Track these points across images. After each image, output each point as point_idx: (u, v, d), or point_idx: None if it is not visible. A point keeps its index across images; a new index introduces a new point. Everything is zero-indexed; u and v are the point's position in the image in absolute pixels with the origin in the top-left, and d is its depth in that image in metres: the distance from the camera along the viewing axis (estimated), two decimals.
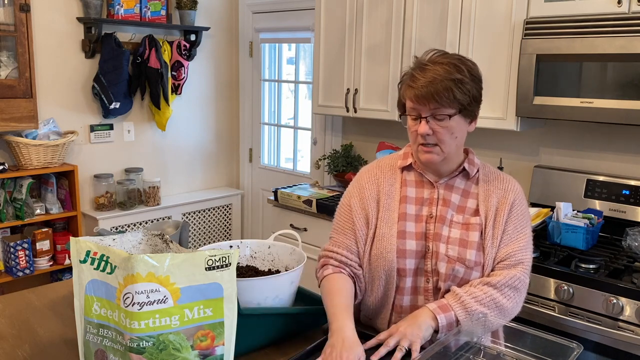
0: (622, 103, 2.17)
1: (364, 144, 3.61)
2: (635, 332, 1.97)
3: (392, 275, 1.50)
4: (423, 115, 1.43)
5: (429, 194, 1.54)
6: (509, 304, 1.44)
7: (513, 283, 1.44)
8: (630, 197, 2.45)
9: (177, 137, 4.09)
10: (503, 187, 1.53)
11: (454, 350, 1.32)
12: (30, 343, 1.47)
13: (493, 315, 1.42)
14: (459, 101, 1.41)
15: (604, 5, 2.22)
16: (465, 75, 1.42)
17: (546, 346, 1.31)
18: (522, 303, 1.48)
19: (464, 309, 1.40)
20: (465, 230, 1.49)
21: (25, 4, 3.06)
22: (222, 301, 1.18)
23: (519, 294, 1.46)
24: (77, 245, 1.18)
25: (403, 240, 1.50)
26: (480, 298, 1.42)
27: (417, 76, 1.43)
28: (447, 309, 1.40)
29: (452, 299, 1.42)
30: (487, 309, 1.41)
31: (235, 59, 4.36)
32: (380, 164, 1.62)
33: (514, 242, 1.49)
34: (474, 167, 1.55)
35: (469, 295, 1.42)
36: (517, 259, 1.47)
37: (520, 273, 1.46)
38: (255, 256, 1.67)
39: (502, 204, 1.51)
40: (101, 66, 3.50)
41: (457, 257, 1.47)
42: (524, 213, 1.53)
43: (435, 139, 1.44)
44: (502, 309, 1.43)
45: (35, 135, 3.25)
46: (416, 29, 2.86)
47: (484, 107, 2.67)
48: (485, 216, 1.50)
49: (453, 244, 1.47)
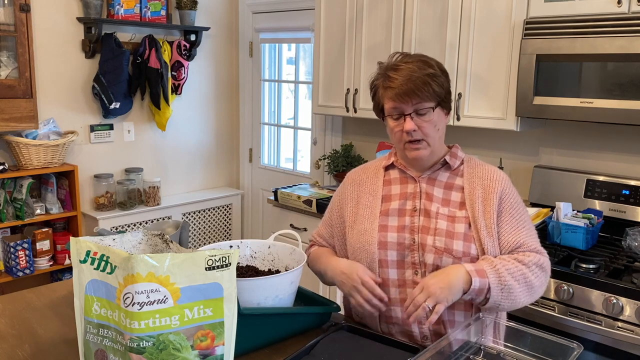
0: (622, 103, 2.17)
1: (364, 144, 3.61)
2: (635, 332, 1.97)
3: (374, 266, 1.54)
4: (406, 112, 1.48)
5: (412, 188, 1.58)
6: (537, 282, 1.46)
7: (541, 263, 1.48)
8: (630, 197, 2.45)
9: (177, 137, 4.09)
10: (488, 177, 1.55)
11: (454, 350, 1.32)
12: (30, 343, 1.47)
13: (521, 291, 1.43)
14: (437, 94, 1.48)
15: (604, 5, 2.22)
16: (436, 70, 1.50)
17: (546, 346, 1.31)
18: (546, 285, 1.51)
19: (498, 277, 1.41)
20: (451, 222, 1.51)
21: (25, 4, 3.06)
22: (222, 301, 1.18)
23: (545, 275, 1.49)
24: (77, 245, 1.18)
25: (384, 233, 1.54)
26: (512, 271, 1.43)
27: (393, 76, 1.47)
28: (483, 273, 1.40)
29: (487, 265, 1.43)
30: (518, 283, 1.42)
31: (235, 59, 4.36)
32: (365, 167, 1.72)
33: (519, 230, 1.51)
34: (457, 160, 1.58)
35: (502, 265, 1.43)
36: (530, 247, 1.50)
37: (544, 257, 1.50)
38: (255, 256, 1.67)
39: (489, 192, 1.52)
40: (101, 66, 3.50)
41: (444, 248, 1.49)
42: (517, 200, 1.55)
43: (421, 134, 1.49)
44: (530, 286, 1.45)
45: (35, 135, 3.25)
46: (416, 29, 2.86)
47: (484, 107, 2.69)
48: (472, 208, 1.51)
49: (440, 235, 1.50)
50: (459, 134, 3.09)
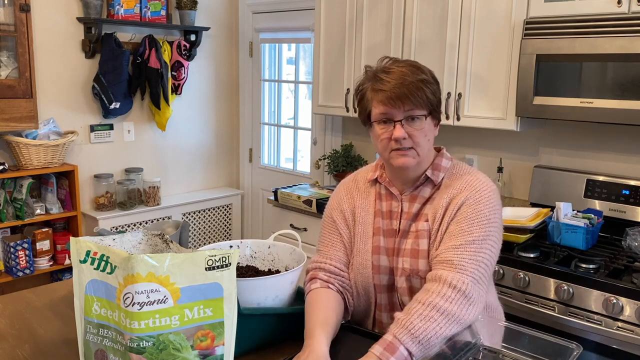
0: (622, 103, 2.17)
1: (364, 144, 3.61)
2: (635, 332, 1.97)
3: (370, 290, 1.50)
4: (397, 118, 1.37)
5: (396, 207, 1.49)
6: (454, 307, 1.27)
7: (452, 285, 1.29)
8: (630, 197, 2.45)
9: (177, 137, 4.09)
10: (460, 186, 1.42)
11: (454, 350, 1.32)
12: (30, 343, 1.47)
13: (443, 327, 1.26)
14: (430, 101, 1.39)
15: (604, 5, 2.22)
16: (428, 77, 1.41)
17: (546, 347, 1.31)
18: (472, 307, 1.30)
19: (410, 335, 1.23)
20: (415, 239, 1.43)
21: (25, 4, 3.06)
22: (222, 301, 1.18)
23: (462, 295, 1.28)
24: (77, 245, 1.18)
25: (377, 256, 1.49)
26: (422, 313, 1.26)
27: (385, 78, 1.37)
28: (394, 347, 1.22)
29: (396, 327, 1.26)
30: (435, 323, 1.25)
31: (235, 59, 4.36)
32: (356, 177, 1.61)
33: (450, 240, 1.36)
34: (440, 173, 1.47)
35: (411, 315, 1.26)
36: (443, 258, 1.34)
37: (455, 274, 1.29)
38: (255, 256, 1.67)
39: (453, 203, 1.40)
40: (101, 66, 3.50)
41: (409, 269, 1.42)
42: (477, 212, 1.37)
43: (411, 142, 1.39)
44: (449, 315, 1.27)
45: (35, 135, 3.25)
46: (416, 29, 2.86)
47: (484, 107, 2.69)
48: (432, 220, 1.41)
49: (406, 255, 1.44)
50: (459, 134, 3.09)
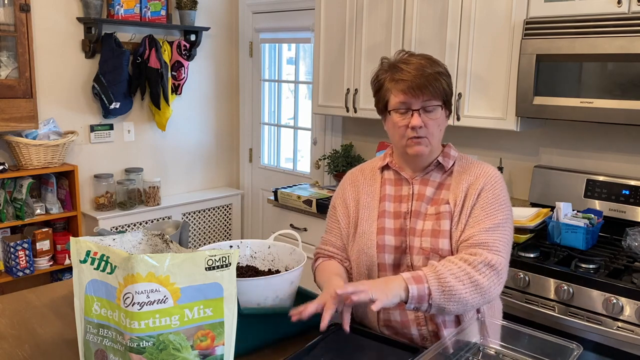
0: (622, 103, 2.17)
1: (364, 144, 3.61)
2: (635, 332, 1.97)
3: (374, 270, 1.54)
4: (414, 107, 1.46)
5: (406, 190, 1.57)
6: (486, 281, 1.38)
7: (490, 262, 1.40)
8: (630, 197, 2.45)
9: (177, 137, 4.09)
10: (475, 174, 1.52)
11: (454, 350, 1.32)
12: (30, 343, 1.47)
13: (467, 292, 1.37)
14: (445, 92, 1.48)
15: (604, 5, 2.22)
16: (444, 70, 1.49)
17: (546, 347, 1.31)
18: (500, 285, 1.43)
19: (438, 279, 1.35)
20: (437, 220, 1.50)
21: (25, 4, 3.06)
22: (222, 301, 1.18)
23: (496, 273, 1.40)
24: (77, 245, 1.18)
25: (382, 236, 1.54)
26: (455, 272, 1.37)
27: (405, 68, 1.45)
28: (421, 280, 1.35)
29: (428, 269, 1.39)
30: (462, 284, 1.36)
31: (235, 59, 4.36)
32: (363, 167, 1.71)
33: (479, 224, 1.46)
34: (450, 160, 1.57)
35: (445, 267, 1.38)
36: (478, 240, 1.43)
37: (497, 256, 1.41)
38: (255, 256, 1.67)
39: (472, 188, 1.50)
40: (101, 66, 3.50)
41: (430, 248, 1.48)
42: (496, 197, 1.49)
43: (426, 131, 1.47)
44: (477, 286, 1.38)
45: (35, 135, 3.25)
46: (416, 29, 2.86)
47: (484, 107, 2.69)
48: (454, 203, 1.50)
49: (426, 235, 1.49)
50: (459, 134, 3.09)
